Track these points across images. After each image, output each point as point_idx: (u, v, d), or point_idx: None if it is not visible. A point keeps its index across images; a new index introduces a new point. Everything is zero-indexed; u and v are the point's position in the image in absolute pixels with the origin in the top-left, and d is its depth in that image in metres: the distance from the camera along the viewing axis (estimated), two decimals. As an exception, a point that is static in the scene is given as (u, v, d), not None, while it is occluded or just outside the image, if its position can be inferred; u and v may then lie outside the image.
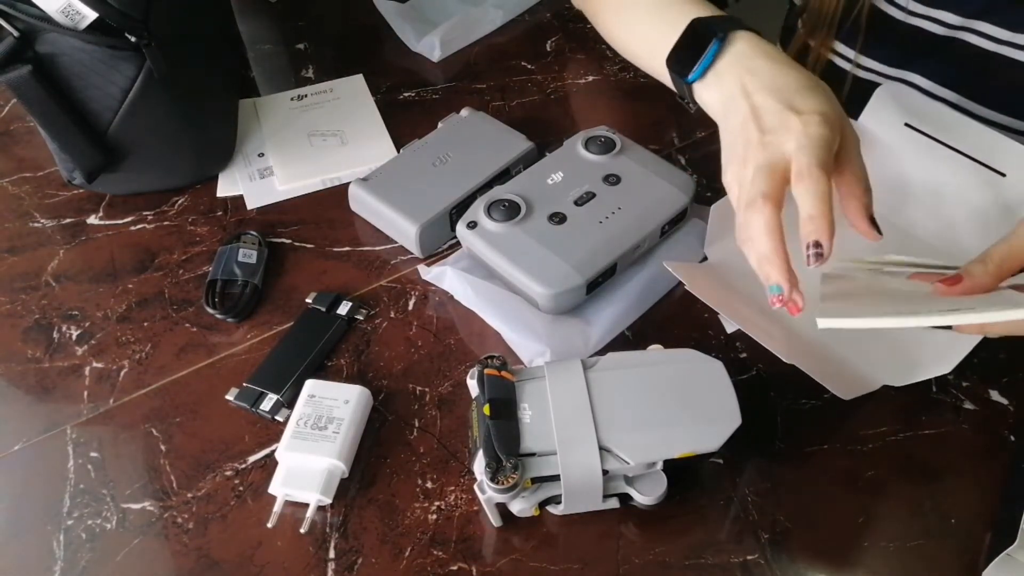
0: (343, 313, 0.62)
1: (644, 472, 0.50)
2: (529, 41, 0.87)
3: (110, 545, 0.51)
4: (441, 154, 0.69)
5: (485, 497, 0.49)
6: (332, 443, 0.52)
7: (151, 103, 0.65)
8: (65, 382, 0.60)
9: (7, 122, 0.81)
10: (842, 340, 0.59)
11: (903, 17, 0.68)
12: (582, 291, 0.59)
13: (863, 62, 0.72)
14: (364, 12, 0.91)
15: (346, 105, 0.80)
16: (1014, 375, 0.58)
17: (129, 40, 0.61)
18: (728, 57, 0.52)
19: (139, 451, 0.56)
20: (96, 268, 0.67)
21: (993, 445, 0.54)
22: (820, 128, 0.46)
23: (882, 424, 0.55)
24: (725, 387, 0.51)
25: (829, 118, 0.46)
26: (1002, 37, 0.64)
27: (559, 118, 0.79)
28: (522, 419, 0.49)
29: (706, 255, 0.64)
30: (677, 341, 0.58)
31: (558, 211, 0.62)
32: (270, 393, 0.56)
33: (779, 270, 0.45)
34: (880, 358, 0.57)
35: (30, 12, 0.58)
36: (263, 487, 0.53)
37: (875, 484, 0.53)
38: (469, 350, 0.61)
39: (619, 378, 0.51)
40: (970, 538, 0.50)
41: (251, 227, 0.69)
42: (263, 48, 0.88)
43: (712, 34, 0.52)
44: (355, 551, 0.51)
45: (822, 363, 0.56)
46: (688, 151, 0.75)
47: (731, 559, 0.50)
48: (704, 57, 0.52)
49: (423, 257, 0.66)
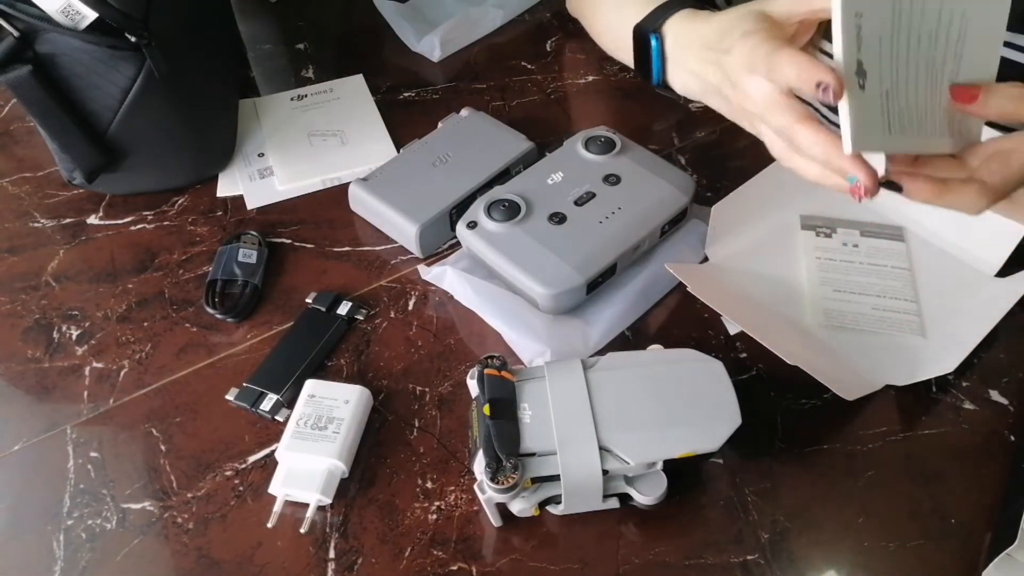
0: (343, 313, 0.62)
1: (644, 472, 0.50)
2: (529, 41, 0.87)
3: (110, 545, 0.51)
4: (441, 154, 0.69)
5: (485, 497, 0.49)
6: (332, 443, 0.52)
7: (151, 103, 0.65)
8: (65, 382, 0.60)
9: (7, 122, 0.81)
10: (844, 340, 0.59)
11: None
12: (582, 291, 0.59)
13: None
14: (364, 12, 0.91)
15: (346, 105, 0.80)
16: (1014, 375, 0.58)
17: (129, 40, 0.61)
18: (669, 45, 0.56)
19: (139, 451, 0.56)
20: (96, 268, 0.67)
21: (993, 445, 0.54)
22: (749, 41, 0.46)
23: (882, 424, 0.55)
24: (725, 387, 0.51)
25: (750, 31, 0.47)
26: None
27: (559, 118, 0.79)
28: (522, 419, 0.49)
29: (707, 256, 0.64)
30: (677, 341, 0.58)
31: (558, 211, 0.62)
32: (270, 393, 0.57)
33: (847, 160, 0.43)
34: (882, 358, 0.57)
35: (30, 12, 0.58)
36: (263, 487, 0.53)
37: (875, 484, 0.53)
38: (469, 350, 0.61)
39: (619, 378, 0.51)
40: (970, 538, 0.50)
41: (251, 227, 0.69)
42: (263, 48, 0.88)
43: (647, 35, 0.56)
44: (355, 551, 0.51)
45: (825, 363, 0.56)
46: (688, 151, 0.75)
47: (731, 559, 0.50)
48: (653, 60, 0.57)
49: (423, 257, 0.66)
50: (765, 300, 0.61)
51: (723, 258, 0.63)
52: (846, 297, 0.61)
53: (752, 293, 0.62)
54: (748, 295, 0.61)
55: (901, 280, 0.62)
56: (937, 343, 0.58)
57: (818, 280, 0.62)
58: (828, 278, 0.63)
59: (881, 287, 0.62)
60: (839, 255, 0.64)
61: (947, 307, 0.60)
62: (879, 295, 0.61)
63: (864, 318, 0.60)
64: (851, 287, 0.62)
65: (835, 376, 0.53)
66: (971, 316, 0.59)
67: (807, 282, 0.62)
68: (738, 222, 0.64)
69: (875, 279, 0.62)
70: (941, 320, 0.60)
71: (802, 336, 0.59)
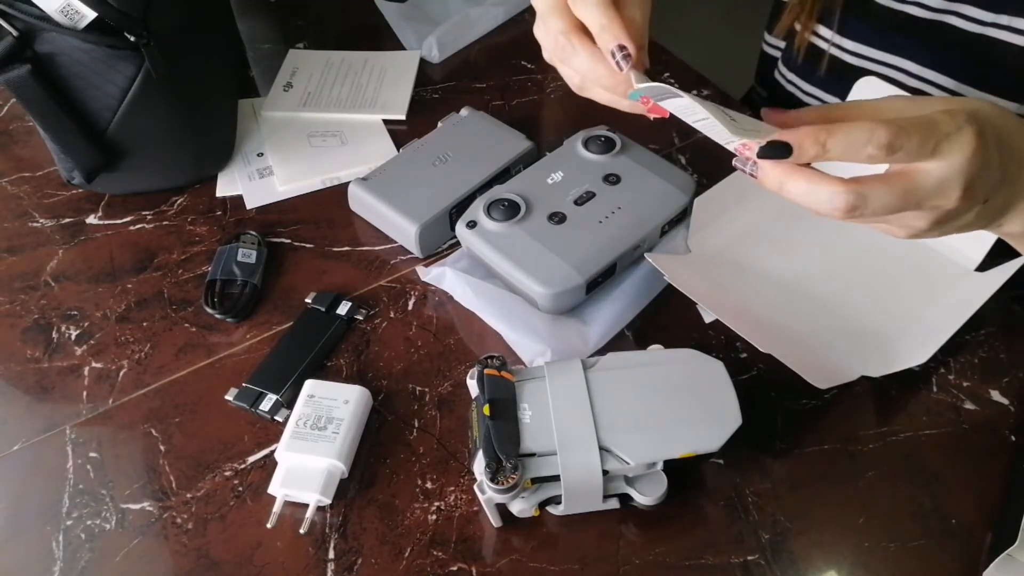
0: (343, 313, 0.62)
1: (644, 472, 0.50)
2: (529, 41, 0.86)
3: (109, 545, 0.51)
4: (441, 154, 0.69)
5: (485, 497, 0.49)
6: (332, 443, 0.52)
7: (150, 103, 0.65)
8: (64, 382, 0.60)
9: (6, 122, 0.81)
10: (819, 330, 0.59)
11: (886, 2, 0.68)
12: (582, 291, 0.59)
13: (848, 46, 0.73)
14: (364, 12, 0.91)
15: (346, 105, 0.80)
16: (1014, 375, 0.58)
17: (128, 40, 0.61)
18: None
19: (138, 451, 0.56)
20: (95, 268, 0.67)
21: (993, 445, 0.54)
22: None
23: (882, 424, 0.55)
24: (725, 387, 0.51)
25: None
26: (985, 19, 0.64)
27: (559, 118, 0.79)
28: (522, 419, 0.49)
29: (689, 248, 0.64)
30: (677, 341, 0.58)
31: (558, 211, 0.62)
32: (269, 393, 0.56)
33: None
34: (857, 348, 0.58)
35: (29, 12, 0.58)
36: (263, 487, 0.53)
37: (875, 484, 0.53)
38: (469, 350, 0.61)
39: (619, 378, 0.51)
40: (970, 538, 0.50)
41: (250, 227, 0.69)
42: (263, 48, 0.88)
43: None
44: (355, 551, 0.51)
45: (799, 353, 0.56)
46: (688, 151, 0.75)
47: (731, 559, 0.50)
48: None
49: (423, 257, 0.66)
50: (744, 290, 0.62)
51: (703, 247, 0.64)
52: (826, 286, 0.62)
53: (731, 283, 0.62)
54: (727, 285, 0.62)
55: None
56: (913, 336, 0.58)
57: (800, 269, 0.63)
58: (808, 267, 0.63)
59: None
60: None
61: (925, 300, 0.61)
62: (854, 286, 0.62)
63: (841, 307, 0.61)
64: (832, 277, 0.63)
65: (808, 365, 0.54)
66: (948, 310, 0.59)
67: (787, 271, 0.63)
68: (719, 214, 0.65)
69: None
70: (919, 313, 0.60)
71: (778, 326, 0.60)
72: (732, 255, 0.64)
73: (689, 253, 0.64)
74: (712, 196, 0.64)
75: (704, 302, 0.58)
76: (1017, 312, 0.61)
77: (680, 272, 0.59)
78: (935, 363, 0.58)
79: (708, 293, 0.59)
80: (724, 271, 0.63)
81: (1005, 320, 0.60)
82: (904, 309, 0.60)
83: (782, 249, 0.65)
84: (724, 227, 0.65)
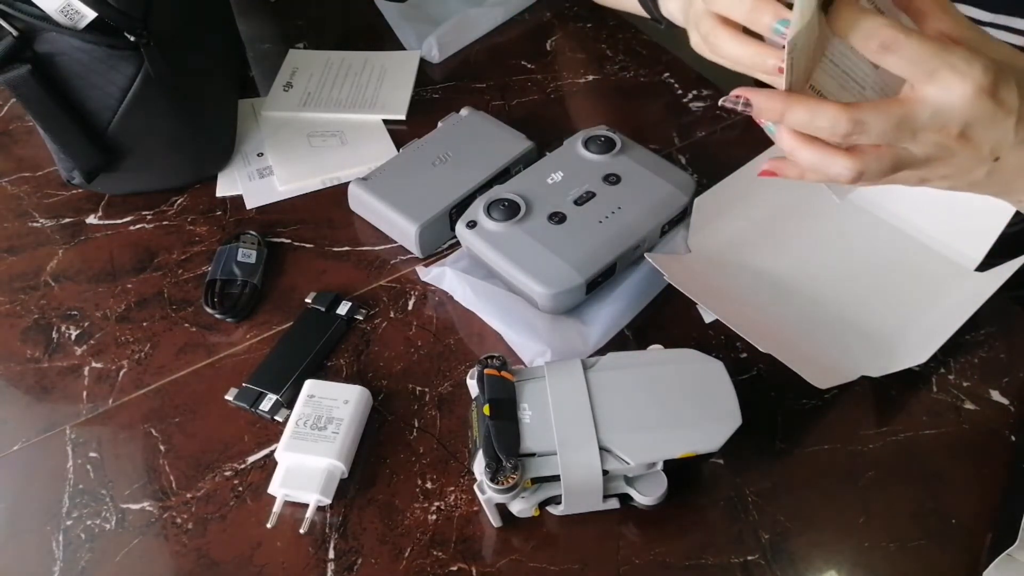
0: (343, 313, 0.62)
1: (644, 472, 0.50)
2: (529, 41, 0.87)
3: (109, 545, 0.51)
4: (441, 154, 0.69)
5: (485, 497, 0.49)
6: (331, 443, 0.52)
7: (150, 103, 0.65)
8: (64, 382, 0.60)
9: (6, 122, 0.81)
10: (818, 329, 0.59)
11: None
12: (582, 291, 0.59)
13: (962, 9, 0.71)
14: (364, 12, 0.91)
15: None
16: (1014, 375, 0.58)
17: (128, 39, 0.61)
18: None
19: (138, 451, 0.56)
20: (95, 268, 0.67)
21: (993, 445, 0.54)
22: None
23: (882, 424, 0.55)
24: (725, 387, 0.51)
25: None
26: (984, 19, 0.62)
27: (559, 118, 0.79)
28: (522, 419, 0.49)
29: (689, 247, 0.64)
30: (677, 341, 0.58)
31: (558, 211, 0.62)
32: (269, 393, 0.56)
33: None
34: (857, 349, 0.58)
35: (29, 11, 0.58)
36: (262, 487, 0.53)
37: (875, 484, 0.53)
38: (469, 350, 0.61)
39: (619, 378, 0.51)
40: (970, 538, 0.50)
41: (250, 227, 0.69)
42: (263, 48, 0.88)
43: None
44: (355, 551, 0.51)
45: (799, 353, 0.56)
46: (688, 151, 0.75)
47: (731, 559, 0.50)
48: None
49: (423, 257, 0.66)
50: (744, 290, 0.62)
51: (703, 247, 0.64)
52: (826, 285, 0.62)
53: (731, 283, 0.62)
54: (727, 285, 0.62)
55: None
56: (913, 336, 0.58)
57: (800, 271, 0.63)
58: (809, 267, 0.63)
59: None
60: None
61: (925, 300, 0.61)
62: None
63: (840, 308, 0.61)
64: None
65: (808, 365, 0.54)
66: (949, 310, 0.59)
67: (787, 271, 0.63)
68: (719, 214, 0.65)
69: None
70: (919, 313, 0.60)
71: (778, 326, 0.60)
72: (732, 255, 0.64)
73: (689, 253, 0.64)
74: (712, 196, 0.64)
75: (704, 302, 0.58)
76: (1017, 312, 0.61)
77: (680, 272, 0.59)
78: (935, 363, 0.58)
79: (708, 293, 0.59)
80: (724, 271, 0.63)
81: (1005, 320, 0.60)
82: (904, 309, 0.60)
83: (782, 249, 0.65)
84: (724, 227, 0.65)
